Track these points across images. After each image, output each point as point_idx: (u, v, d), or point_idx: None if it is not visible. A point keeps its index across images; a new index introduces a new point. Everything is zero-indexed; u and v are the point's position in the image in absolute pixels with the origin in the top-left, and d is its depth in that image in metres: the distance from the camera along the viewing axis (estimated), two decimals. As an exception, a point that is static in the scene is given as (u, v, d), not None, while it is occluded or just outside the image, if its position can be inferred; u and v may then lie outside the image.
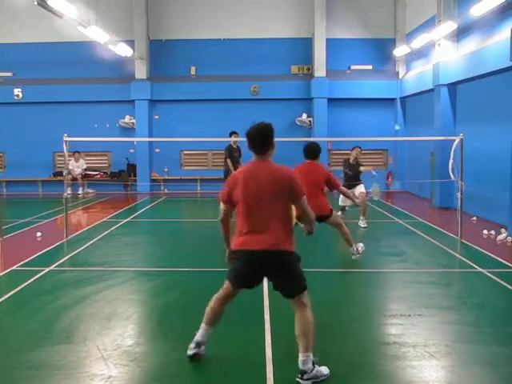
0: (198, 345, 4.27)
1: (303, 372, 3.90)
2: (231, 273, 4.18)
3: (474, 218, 11.34)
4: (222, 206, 4.21)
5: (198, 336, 4.29)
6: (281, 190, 3.97)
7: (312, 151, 7.39)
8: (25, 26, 17.62)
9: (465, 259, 7.96)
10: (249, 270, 4.08)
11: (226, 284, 4.22)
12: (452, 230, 9.87)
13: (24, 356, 4.44)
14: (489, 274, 7.00)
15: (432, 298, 6.09)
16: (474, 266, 7.51)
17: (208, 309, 4.29)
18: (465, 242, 9.08)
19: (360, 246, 7.76)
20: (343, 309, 5.79)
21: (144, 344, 4.70)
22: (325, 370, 4.02)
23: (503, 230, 9.62)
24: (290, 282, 4.06)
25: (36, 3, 10.33)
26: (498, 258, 7.92)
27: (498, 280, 6.72)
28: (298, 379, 3.90)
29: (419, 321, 5.25)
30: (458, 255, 8.29)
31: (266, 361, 4.28)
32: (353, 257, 7.70)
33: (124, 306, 5.82)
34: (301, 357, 3.93)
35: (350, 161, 11.37)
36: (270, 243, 3.96)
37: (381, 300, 6.23)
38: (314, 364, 3.93)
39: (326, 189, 7.42)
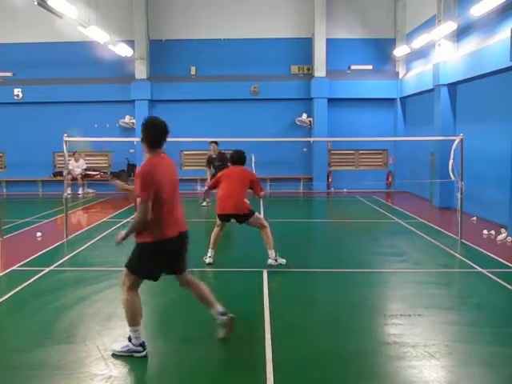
0: None
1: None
2: None
3: (474, 218, 11.34)
4: None
5: None
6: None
7: (240, 158, 7.68)
8: (25, 26, 17.63)
9: (465, 259, 7.96)
10: None
11: None
12: (452, 230, 9.87)
13: (24, 356, 4.44)
14: (489, 274, 7.00)
15: (432, 297, 6.09)
16: (474, 265, 7.51)
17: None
18: (465, 241, 9.08)
19: (282, 260, 7.37)
20: (343, 309, 5.78)
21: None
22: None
23: (503, 230, 9.62)
24: None
25: (36, 3, 10.33)
26: (498, 258, 7.92)
27: (498, 280, 6.72)
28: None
29: (419, 321, 5.26)
30: (458, 255, 8.29)
31: (266, 361, 4.28)
32: (268, 261, 7.30)
33: (124, 306, 5.82)
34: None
35: (213, 156, 13.09)
36: None
37: (381, 300, 6.23)
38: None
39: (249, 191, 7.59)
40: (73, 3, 11.36)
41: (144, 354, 4.38)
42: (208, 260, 7.49)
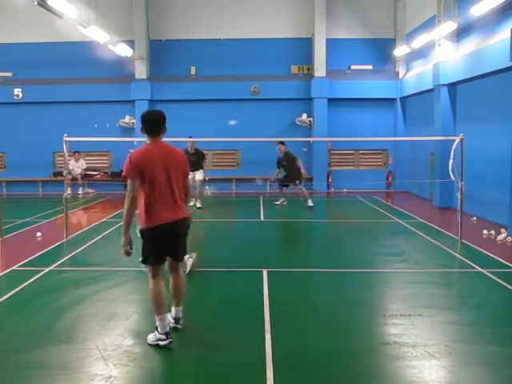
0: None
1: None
2: None
3: (474, 218, 11.34)
4: None
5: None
6: None
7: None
8: (25, 26, 17.62)
9: (465, 259, 7.96)
10: None
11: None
12: (452, 230, 9.87)
13: (24, 356, 4.44)
14: (489, 274, 7.01)
15: (432, 297, 6.09)
16: (474, 265, 7.51)
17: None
18: (465, 241, 9.08)
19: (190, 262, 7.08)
20: (343, 309, 5.78)
21: (144, 344, 4.69)
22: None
23: (503, 230, 9.62)
24: None
25: (36, 3, 10.33)
26: (498, 258, 7.92)
27: (498, 280, 6.72)
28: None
29: (419, 321, 5.26)
30: (458, 255, 8.29)
31: (266, 361, 4.28)
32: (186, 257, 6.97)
33: (124, 306, 5.82)
34: (173, 312, 4.89)
35: (189, 150, 13.30)
36: None
37: (381, 300, 6.23)
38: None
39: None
40: (73, 3, 11.36)
41: (167, 342, 4.52)
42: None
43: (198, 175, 13.62)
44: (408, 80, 17.08)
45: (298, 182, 13.74)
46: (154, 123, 4.57)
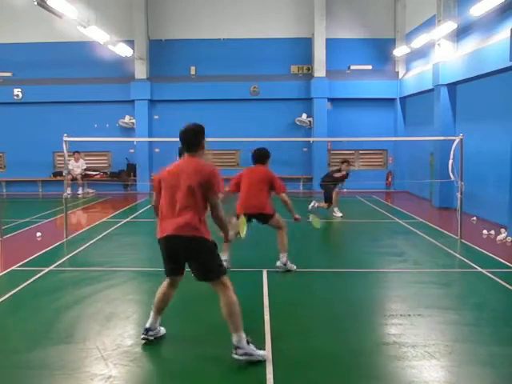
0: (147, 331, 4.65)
1: (237, 347, 4.23)
2: None
3: (474, 218, 11.34)
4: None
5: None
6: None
7: (261, 156, 7.36)
8: (25, 26, 17.62)
9: (465, 259, 7.96)
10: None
11: None
12: (452, 230, 9.88)
13: (24, 356, 4.43)
14: (489, 274, 7.01)
15: (432, 297, 6.09)
16: (474, 265, 7.51)
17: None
18: (465, 241, 9.08)
19: (293, 266, 7.21)
20: (343, 309, 5.78)
21: (144, 344, 4.70)
22: (262, 352, 4.32)
23: (503, 230, 9.62)
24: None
25: (36, 3, 10.32)
26: (498, 258, 7.92)
27: (498, 280, 6.72)
28: (233, 354, 4.22)
29: (419, 321, 5.25)
30: (457, 255, 8.30)
31: (266, 361, 4.28)
32: (277, 263, 7.15)
33: (124, 306, 5.82)
34: (234, 338, 4.26)
35: None
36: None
37: (381, 300, 6.23)
38: (248, 342, 4.26)
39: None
40: (72, 3, 11.36)
41: (141, 337, 4.66)
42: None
43: None
44: (408, 80, 17.08)
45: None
46: (181, 141, 4.57)
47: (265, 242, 8.58)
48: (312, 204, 12.51)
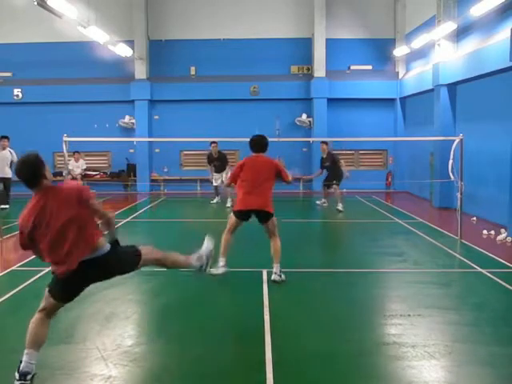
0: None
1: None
2: None
3: (474, 218, 11.34)
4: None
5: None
6: None
7: (263, 144, 7.05)
8: (25, 26, 17.62)
9: (464, 259, 7.96)
10: None
11: None
12: (452, 230, 9.87)
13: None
14: (489, 274, 7.01)
15: (432, 297, 6.09)
16: (474, 266, 7.51)
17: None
18: (464, 241, 9.08)
19: (282, 277, 6.65)
20: (343, 309, 5.78)
21: (144, 344, 4.70)
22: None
23: (503, 230, 9.62)
24: None
25: (36, 3, 10.32)
26: (498, 258, 7.93)
27: (498, 280, 6.72)
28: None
29: (419, 321, 5.25)
30: (457, 255, 8.30)
31: (265, 361, 4.28)
32: (273, 276, 6.65)
33: (124, 306, 5.82)
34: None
35: (214, 155, 14.20)
36: None
37: (381, 300, 6.23)
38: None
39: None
40: (72, 3, 11.36)
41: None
42: (221, 270, 6.64)
43: (224, 176, 14.00)
44: (408, 80, 17.09)
45: (335, 182, 13.24)
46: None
47: (265, 242, 8.57)
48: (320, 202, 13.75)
